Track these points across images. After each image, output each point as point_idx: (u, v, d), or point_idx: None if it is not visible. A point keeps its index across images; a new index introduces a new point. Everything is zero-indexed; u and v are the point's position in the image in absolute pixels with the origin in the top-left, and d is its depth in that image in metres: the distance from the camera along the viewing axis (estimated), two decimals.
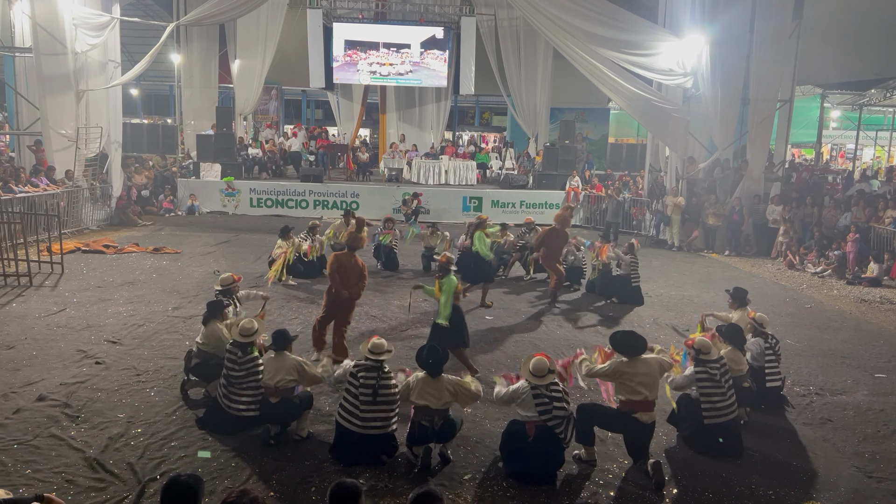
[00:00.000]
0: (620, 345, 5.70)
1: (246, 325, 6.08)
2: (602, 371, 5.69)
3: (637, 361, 5.60)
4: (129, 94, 28.93)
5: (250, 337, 6.03)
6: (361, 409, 5.49)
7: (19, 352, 7.63)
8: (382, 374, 5.59)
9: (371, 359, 5.62)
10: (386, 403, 5.55)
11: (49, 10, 15.07)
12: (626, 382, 5.55)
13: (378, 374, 5.56)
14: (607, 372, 5.66)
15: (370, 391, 5.50)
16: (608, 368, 5.66)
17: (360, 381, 5.54)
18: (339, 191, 19.26)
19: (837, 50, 19.05)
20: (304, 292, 10.83)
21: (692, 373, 5.92)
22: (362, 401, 5.50)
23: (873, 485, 5.58)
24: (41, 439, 5.63)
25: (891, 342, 9.54)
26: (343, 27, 21.26)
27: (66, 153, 15.93)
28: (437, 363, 5.60)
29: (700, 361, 5.90)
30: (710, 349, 5.95)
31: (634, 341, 5.67)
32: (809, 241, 15.15)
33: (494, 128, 34.06)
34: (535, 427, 5.32)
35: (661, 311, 10.58)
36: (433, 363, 5.60)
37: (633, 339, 5.69)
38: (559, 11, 15.50)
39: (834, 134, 29.97)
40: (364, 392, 5.51)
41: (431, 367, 5.59)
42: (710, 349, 5.95)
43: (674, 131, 16.59)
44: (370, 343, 5.71)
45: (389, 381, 5.61)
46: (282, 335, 6.05)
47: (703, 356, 5.90)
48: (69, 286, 10.59)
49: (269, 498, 4.94)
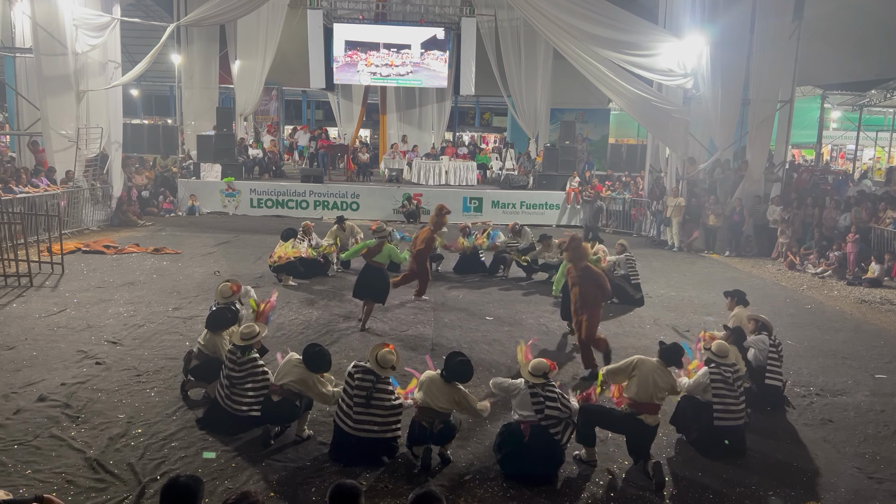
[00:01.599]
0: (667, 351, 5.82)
1: (245, 331, 6.08)
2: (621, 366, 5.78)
3: (663, 368, 5.70)
4: (130, 94, 28.93)
5: (250, 341, 6.03)
6: (355, 410, 5.48)
7: (20, 352, 7.63)
8: (380, 380, 5.56)
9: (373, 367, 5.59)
10: (381, 409, 5.51)
11: (49, 11, 15.07)
12: (643, 380, 5.57)
13: (375, 379, 5.54)
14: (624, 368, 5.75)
15: (364, 394, 5.49)
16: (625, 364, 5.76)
17: (356, 383, 5.54)
18: (339, 191, 19.25)
19: (838, 51, 19.05)
20: (304, 293, 10.83)
21: (706, 373, 5.93)
22: (356, 402, 5.49)
23: (874, 485, 5.58)
24: (41, 440, 5.62)
25: (891, 343, 9.53)
26: (343, 28, 21.26)
27: (67, 154, 15.93)
28: (459, 373, 5.57)
29: (714, 363, 5.93)
30: (728, 353, 6.01)
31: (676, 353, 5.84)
32: (810, 242, 15.16)
33: (495, 128, 34.08)
34: (529, 427, 5.33)
35: (661, 312, 10.58)
36: (456, 372, 5.55)
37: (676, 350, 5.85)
38: (559, 12, 15.50)
39: (834, 134, 29.97)
40: (358, 395, 5.49)
41: (452, 373, 5.55)
42: (727, 353, 6.00)
43: (674, 132, 16.58)
44: (379, 353, 5.62)
45: (387, 387, 5.59)
46: (319, 358, 5.81)
47: (718, 358, 5.94)
48: (69, 287, 10.59)
49: (269, 499, 4.95)
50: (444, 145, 23.67)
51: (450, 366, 5.58)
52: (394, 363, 5.64)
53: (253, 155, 21.67)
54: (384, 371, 5.58)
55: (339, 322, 9.30)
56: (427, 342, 8.63)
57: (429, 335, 8.93)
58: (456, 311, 10.21)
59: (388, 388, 5.60)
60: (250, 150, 21.85)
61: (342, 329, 8.96)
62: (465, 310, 10.28)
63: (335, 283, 11.54)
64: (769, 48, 16.21)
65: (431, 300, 10.67)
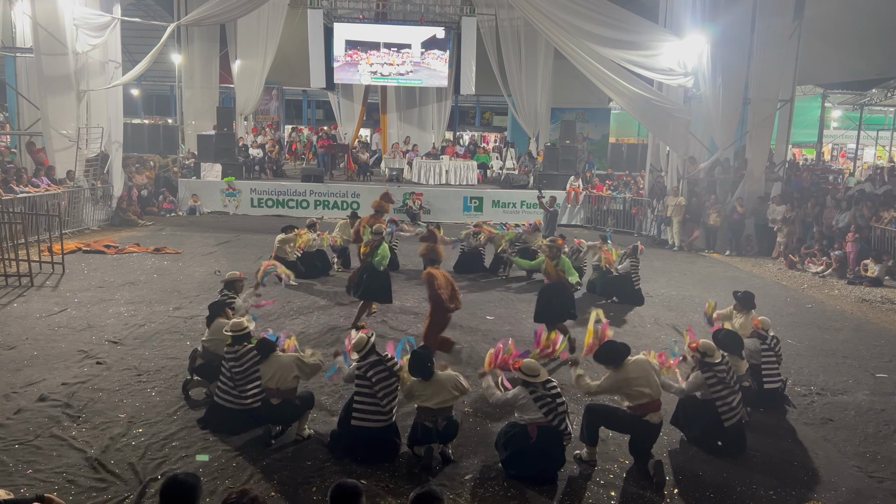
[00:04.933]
0: (604, 358, 5.73)
1: (235, 322, 6.18)
2: (601, 387, 5.69)
3: (627, 367, 5.61)
4: (130, 94, 28.94)
5: (241, 331, 6.08)
6: (382, 402, 5.52)
7: (20, 352, 7.64)
8: (387, 363, 5.64)
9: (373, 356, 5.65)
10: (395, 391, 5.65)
11: (50, 11, 15.08)
12: (627, 391, 5.57)
13: (384, 366, 5.61)
14: (606, 387, 5.68)
15: (386, 384, 5.55)
16: (605, 383, 5.67)
17: (375, 378, 5.55)
18: (339, 191, 19.26)
19: (838, 50, 19.04)
20: (304, 292, 10.84)
21: (701, 378, 5.88)
22: (382, 395, 5.52)
23: (874, 485, 5.58)
24: (42, 439, 5.63)
25: (892, 342, 9.53)
26: (344, 27, 21.26)
27: (67, 153, 15.94)
28: (423, 367, 5.60)
29: (706, 365, 5.87)
30: (714, 351, 5.95)
31: (615, 351, 5.70)
32: (810, 241, 15.15)
33: (495, 128, 34.07)
34: (537, 428, 5.30)
35: (661, 311, 10.58)
36: (420, 368, 5.60)
37: (613, 349, 5.73)
38: (560, 11, 15.49)
39: (835, 134, 29.93)
40: (383, 388, 5.53)
41: (420, 371, 5.59)
42: (714, 351, 5.95)
43: (674, 131, 16.58)
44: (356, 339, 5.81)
45: (395, 367, 5.70)
46: (264, 342, 6.09)
47: (707, 359, 5.89)
48: (70, 286, 10.60)
49: (270, 498, 4.95)
50: (444, 144, 23.68)
51: (413, 369, 5.62)
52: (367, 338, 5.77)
53: (253, 154, 21.67)
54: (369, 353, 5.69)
55: (340, 321, 9.30)
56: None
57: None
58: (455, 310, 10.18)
59: (394, 367, 5.68)
60: (250, 150, 21.86)
61: (343, 327, 8.95)
62: (466, 309, 10.23)
63: (336, 283, 11.54)
64: (770, 47, 16.20)
65: None
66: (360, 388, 5.60)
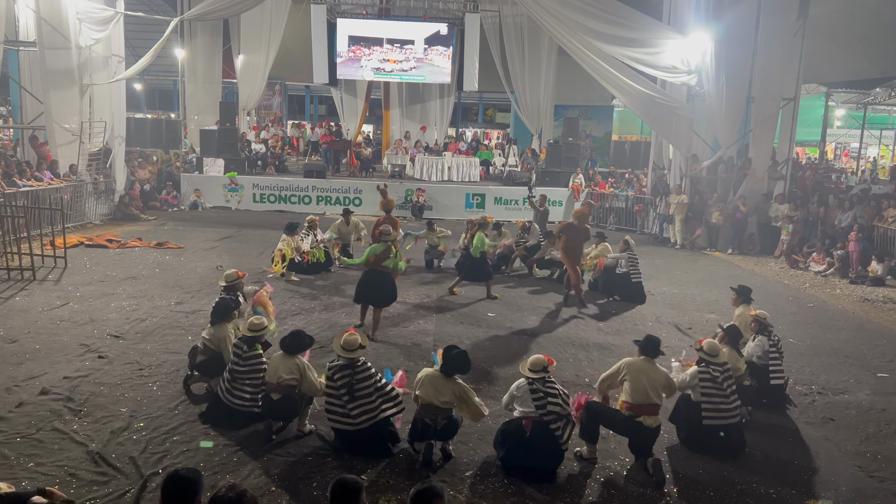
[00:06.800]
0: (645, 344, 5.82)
1: (255, 322, 6.14)
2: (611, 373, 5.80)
3: (651, 364, 5.70)
4: (133, 88, 28.93)
5: (259, 332, 6.06)
6: (348, 407, 5.52)
7: (22, 346, 7.65)
8: (357, 369, 5.60)
9: (344, 357, 5.64)
10: (366, 396, 5.56)
11: (53, 5, 15.06)
12: (635, 381, 5.58)
13: (352, 371, 5.58)
14: (613, 373, 5.78)
15: (346, 389, 5.53)
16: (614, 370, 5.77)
17: (338, 383, 5.57)
18: (342, 187, 19.25)
19: (842, 48, 18.98)
20: (306, 288, 10.84)
21: (695, 371, 5.96)
22: (345, 400, 5.53)
23: (875, 484, 5.58)
24: (44, 433, 5.64)
25: (893, 342, 9.52)
26: (347, 23, 21.22)
27: (70, 148, 15.96)
28: (458, 365, 5.57)
29: (704, 362, 5.94)
30: (718, 352, 6.01)
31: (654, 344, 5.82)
32: (813, 240, 15.12)
33: (498, 124, 34.01)
34: (531, 423, 5.33)
35: (663, 309, 10.57)
36: (455, 365, 5.55)
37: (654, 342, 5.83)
38: (563, 8, 15.46)
39: (838, 132, 29.87)
40: (345, 392, 5.54)
41: (451, 366, 5.55)
42: (717, 351, 6.01)
43: (677, 129, 16.55)
44: (343, 339, 5.71)
45: (366, 373, 5.63)
46: (297, 339, 5.97)
47: (708, 357, 5.94)
48: (72, 280, 10.61)
49: (270, 493, 4.96)
50: (446, 141, 23.64)
51: (448, 359, 5.59)
52: (360, 342, 5.70)
53: (256, 150, 21.67)
54: (354, 353, 5.63)
55: (342, 318, 9.30)
56: (429, 338, 8.63)
57: (431, 331, 8.93)
58: (457, 307, 10.21)
59: (366, 372, 5.63)
60: (253, 145, 21.85)
61: (344, 324, 8.94)
62: (467, 306, 10.29)
63: (337, 279, 11.55)
64: (774, 45, 16.15)
65: (434, 297, 10.68)
66: (328, 389, 5.67)
